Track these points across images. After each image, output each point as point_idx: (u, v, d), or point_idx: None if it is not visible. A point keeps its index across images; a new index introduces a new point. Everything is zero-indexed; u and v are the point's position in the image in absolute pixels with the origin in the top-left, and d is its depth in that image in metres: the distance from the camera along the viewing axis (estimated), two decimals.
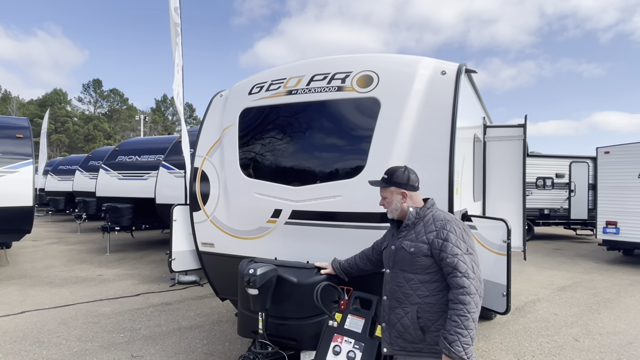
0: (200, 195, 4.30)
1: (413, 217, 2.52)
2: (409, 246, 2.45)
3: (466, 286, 2.24)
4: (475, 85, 4.43)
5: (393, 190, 2.60)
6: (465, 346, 2.19)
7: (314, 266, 3.34)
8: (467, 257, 2.33)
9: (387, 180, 2.63)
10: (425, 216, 2.52)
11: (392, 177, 2.61)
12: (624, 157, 10.32)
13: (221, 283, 4.44)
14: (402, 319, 2.45)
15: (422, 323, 2.39)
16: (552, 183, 14.51)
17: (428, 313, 2.39)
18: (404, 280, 2.46)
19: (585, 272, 9.52)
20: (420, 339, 2.40)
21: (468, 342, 2.19)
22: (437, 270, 2.40)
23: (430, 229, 2.45)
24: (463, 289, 2.24)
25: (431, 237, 2.41)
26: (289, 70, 3.99)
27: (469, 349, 2.20)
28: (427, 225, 2.47)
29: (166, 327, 5.56)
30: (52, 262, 9.94)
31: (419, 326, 2.39)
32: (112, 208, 11.13)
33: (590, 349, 5.02)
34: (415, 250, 2.42)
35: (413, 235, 2.49)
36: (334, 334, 3.06)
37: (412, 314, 2.41)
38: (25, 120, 9.29)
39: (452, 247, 2.33)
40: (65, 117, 58.51)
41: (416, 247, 2.43)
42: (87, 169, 16.17)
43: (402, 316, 2.45)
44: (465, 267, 2.29)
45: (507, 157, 5.12)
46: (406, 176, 2.60)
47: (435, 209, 2.57)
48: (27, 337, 5.14)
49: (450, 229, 2.39)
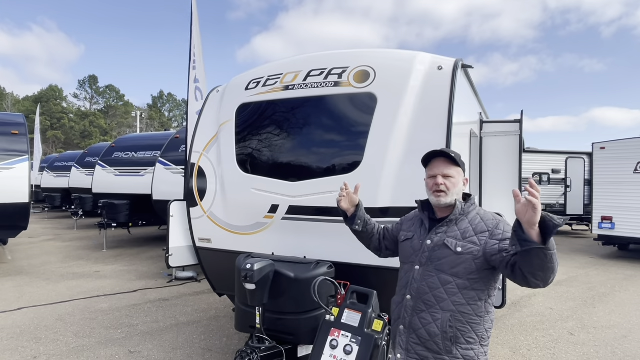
0: (197, 191, 4.30)
1: (459, 211, 2.18)
2: (455, 245, 2.12)
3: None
4: (471, 80, 4.43)
5: (460, 172, 2.22)
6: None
7: (315, 261, 3.35)
8: None
9: (456, 158, 2.20)
10: (469, 213, 2.20)
11: (460, 158, 2.22)
12: (619, 153, 10.38)
13: (218, 279, 4.45)
14: (428, 325, 2.13)
15: (453, 333, 2.08)
16: (548, 179, 14.58)
17: (460, 323, 2.08)
18: (439, 281, 2.13)
19: (581, 267, 9.58)
20: (447, 350, 2.09)
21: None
22: (479, 278, 2.09)
23: (481, 228, 2.12)
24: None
25: (484, 238, 2.09)
26: (286, 65, 3.98)
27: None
28: (475, 224, 2.15)
29: (164, 322, 5.57)
30: (48, 258, 9.92)
31: (449, 337, 2.08)
32: (109, 204, 11.11)
33: (585, 342, 5.06)
34: (462, 251, 2.10)
35: (457, 232, 2.15)
36: (331, 328, 3.08)
37: (444, 322, 2.09)
38: (21, 117, 9.24)
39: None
40: (61, 114, 58.21)
41: (464, 247, 2.10)
42: (83, 165, 16.13)
43: (430, 322, 2.13)
44: None
45: (504, 153, 5.13)
46: (462, 163, 2.26)
47: (479, 207, 2.27)
48: (24, 334, 5.14)
49: (505, 228, 2.09)
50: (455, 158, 2.21)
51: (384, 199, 3.34)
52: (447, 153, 2.25)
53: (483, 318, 2.11)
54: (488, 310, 2.13)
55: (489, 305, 2.14)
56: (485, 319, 2.12)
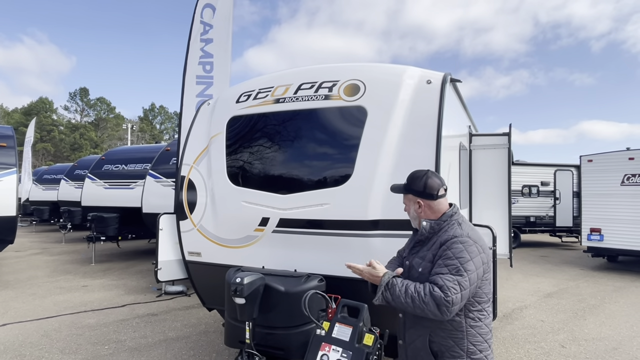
0: (187, 203, 4.27)
1: (426, 231, 2.26)
2: (419, 265, 2.23)
3: (442, 286, 2.02)
4: (460, 94, 4.49)
5: (410, 197, 2.36)
6: (390, 290, 2.13)
7: (306, 274, 3.34)
8: (451, 277, 2.05)
9: (405, 186, 2.38)
10: (440, 229, 2.24)
11: (410, 184, 2.36)
12: (606, 165, 10.53)
13: (208, 293, 4.40)
14: (415, 340, 2.28)
15: (436, 347, 2.18)
16: (537, 191, 14.72)
17: (442, 339, 2.17)
18: None
19: (571, 278, 9.63)
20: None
21: (392, 295, 2.12)
22: None
23: (436, 246, 2.19)
24: (440, 287, 2.02)
25: (434, 254, 2.18)
26: (277, 78, 4.01)
27: (389, 292, 2.13)
28: (438, 242, 2.20)
29: (152, 338, 5.47)
30: (35, 272, 9.74)
31: (430, 351, 2.19)
32: (98, 217, 10.98)
33: (577, 355, 5.07)
34: (422, 270, 2.19)
35: (425, 252, 2.25)
36: (322, 343, 3.05)
37: (424, 338, 2.22)
38: (10, 129, 9.15)
39: (440, 265, 2.11)
40: (51, 126, 57.77)
41: (424, 267, 2.19)
42: (72, 178, 15.96)
43: (416, 338, 2.27)
44: (442, 283, 2.03)
45: (493, 165, 5.19)
46: (422, 183, 2.30)
47: (452, 221, 2.25)
48: (8, 351, 5.01)
49: (450, 246, 2.13)
50: (398, 189, 2.42)
51: (374, 211, 3.35)
52: (396, 187, 2.47)
53: (465, 333, 2.14)
54: (471, 325, 2.15)
55: (471, 320, 2.16)
56: (470, 333, 2.14)
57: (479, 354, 2.16)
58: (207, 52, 6.79)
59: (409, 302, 2.06)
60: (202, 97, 6.69)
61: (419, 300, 2.04)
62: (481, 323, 2.19)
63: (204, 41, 6.81)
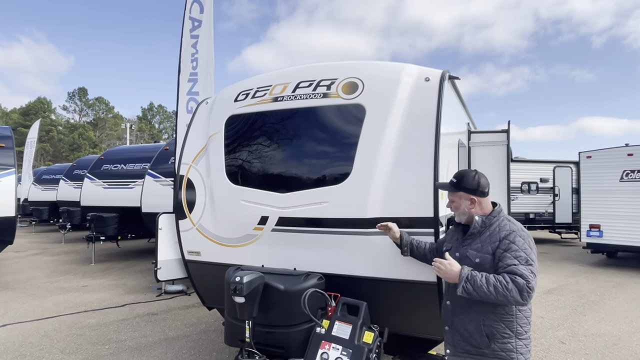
0: (186, 203, 4.27)
1: (479, 225, 2.49)
2: (474, 256, 2.44)
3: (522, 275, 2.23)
4: (459, 91, 4.49)
5: (461, 195, 2.57)
6: (471, 282, 2.27)
7: (305, 273, 3.34)
8: (524, 267, 2.28)
9: (455, 184, 2.60)
10: (491, 225, 2.48)
11: (461, 182, 2.58)
12: (605, 162, 10.54)
13: (208, 292, 4.40)
14: (466, 324, 2.46)
15: (488, 331, 2.39)
16: (536, 188, 14.73)
17: (493, 322, 2.38)
18: None
19: (571, 275, 9.65)
20: (485, 344, 2.39)
21: (474, 286, 2.26)
22: None
23: (494, 239, 2.42)
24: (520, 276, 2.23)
25: (494, 247, 2.39)
26: (275, 77, 4.00)
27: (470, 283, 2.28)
28: (493, 235, 2.44)
29: (152, 337, 5.47)
30: (35, 273, 9.74)
31: (484, 333, 2.39)
32: (97, 217, 10.97)
33: (576, 351, 5.08)
34: (480, 261, 2.41)
35: (479, 244, 2.46)
36: (322, 341, 3.05)
37: (477, 322, 2.41)
38: (8, 130, 9.13)
39: (510, 257, 2.30)
40: (50, 126, 57.66)
41: (481, 257, 2.41)
42: (71, 178, 15.94)
43: (467, 322, 2.46)
44: (522, 272, 2.25)
45: (492, 162, 5.18)
46: (476, 181, 2.55)
47: (501, 218, 2.52)
48: (9, 351, 5.02)
49: (513, 239, 2.36)
50: (447, 187, 2.65)
51: (373, 209, 3.34)
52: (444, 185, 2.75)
53: (515, 316, 2.38)
54: (520, 309, 2.40)
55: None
56: (518, 316, 2.39)
57: (525, 334, 2.42)
58: (197, 48, 6.75)
59: (492, 291, 2.23)
60: (190, 94, 6.66)
61: (502, 289, 2.21)
62: (526, 307, 2.43)
63: (194, 37, 6.76)
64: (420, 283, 3.25)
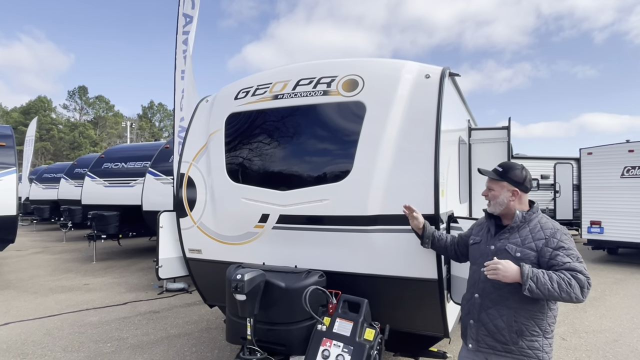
0: (187, 201, 4.27)
1: (519, 220, 2.46)
2: (514, 250, 2.40)
3: (581, 271, 2.24)
4: (459, 88, 4.48)
5: (505, 185, 2.52)
6: (533, 279, 2.20)
7: (306, 270, 3.35)
8: (580, 265, 2.30)
9: (501, 173, 2.55)
10: (531, 220, 2.46)
11: (507, 172, 2.53)
12: (606, 158, 10.52)
13: (209, 290, 4.41)
14: (495, 320, 2.43)
15: (517, 327, 2.36)
16: (537, 184, 14.69)
17: (524, 318, 2.36)
18: (502, 282, 2.34)
19: None
20: (513, 341, 2.37)
21: (537, 284, 2.20)
22: None
23: (538, 235, 2.39)
24: (580, 273, 2.24)
25: (540, 244, 2.36)
26: (275, 74, 4.00)
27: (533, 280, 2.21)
28: (535, 232, 2.41)
29: (154, 335, 5.49)
30: (37, 271, 9.76)
31: (514, 330, 2.36)
32: (98, 216, 10.98)
33: (577, 347, 5.09)
34: (521, 256, 2.37)
35: (518, 239, 2.43)
36: (323, 338, 3.06)
37: (509, 318, 2.38)
38: (8, 128, 9.14)
39: (564, 255, 2.30)
40: (50, 125, 57.67)
41: (522, 252, 2.37)
42: (72, 176, 15.95)
43: (497, 317, 2.42)
44: (581, 269, 2.26)
45: (492, 159, 5.17)
46: (523, 175, 2.53)
47: (540, 215, 2.51)
48: (11, 349, 5.04)
49: (561, 237, 2.36)
50: (491, 173, 2.57)
51: (373, 207, 3.34)
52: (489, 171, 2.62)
53: (546, 314, 2.38)
54: (550, 307, 2.39)
55: (551, 303, 2.40)
56: (548, 315, 2.39)
57: (551, 333, 2.41)
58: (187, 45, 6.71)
59: (555, 288, 2.20)
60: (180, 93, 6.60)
61: (566, 285, 2.20)
62: (556, 306, 2.43)
63: (185, 33, 6.72)
64: (421, 280, 3.26)
